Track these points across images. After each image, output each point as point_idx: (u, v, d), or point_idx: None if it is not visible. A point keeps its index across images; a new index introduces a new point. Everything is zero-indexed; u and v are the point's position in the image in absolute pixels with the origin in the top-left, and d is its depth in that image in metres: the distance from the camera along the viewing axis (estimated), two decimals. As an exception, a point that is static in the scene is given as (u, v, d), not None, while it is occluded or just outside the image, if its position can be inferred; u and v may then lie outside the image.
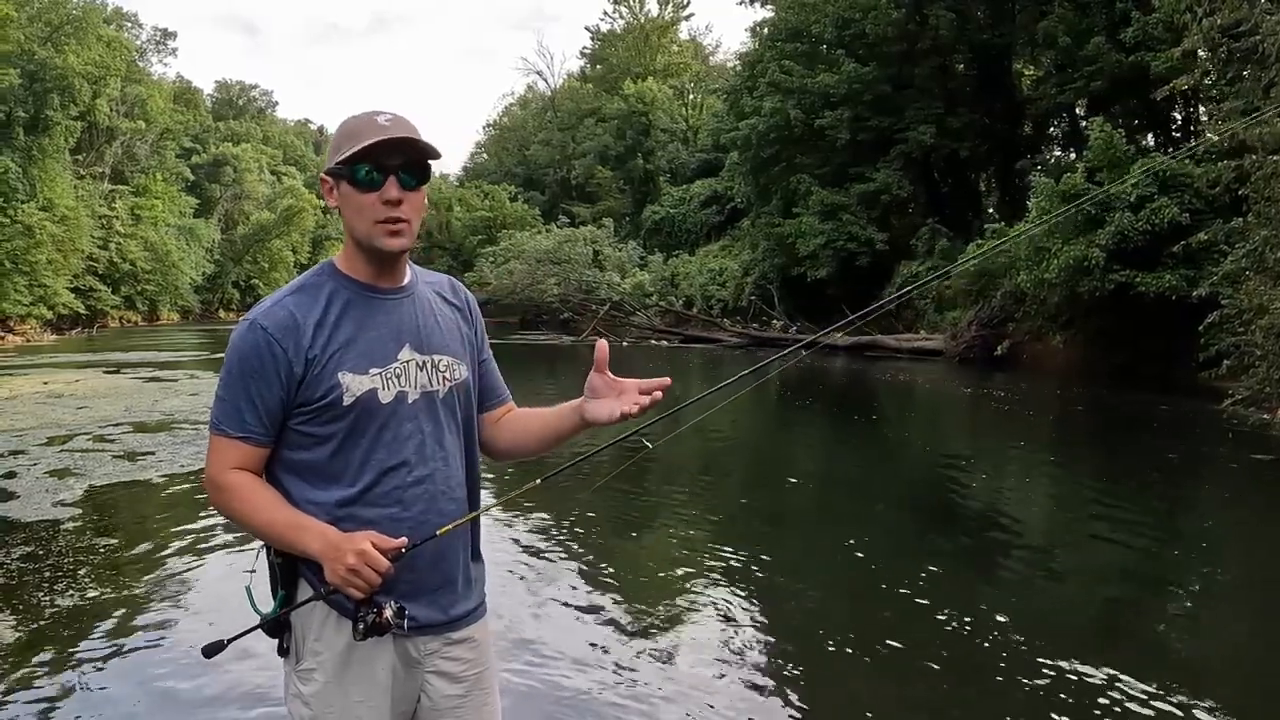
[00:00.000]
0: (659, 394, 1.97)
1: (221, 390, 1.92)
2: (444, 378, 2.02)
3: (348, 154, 1.86)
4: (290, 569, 1.94)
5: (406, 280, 2.04)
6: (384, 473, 1.93)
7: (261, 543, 1.99)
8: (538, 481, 2.08)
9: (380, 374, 1.93)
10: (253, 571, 1.99)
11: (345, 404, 1.89)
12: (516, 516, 7.46)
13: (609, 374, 2.00)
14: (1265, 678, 4.80)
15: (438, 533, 1.92)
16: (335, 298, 1.94)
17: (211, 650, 1.93)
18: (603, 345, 1.97)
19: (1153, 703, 4.36)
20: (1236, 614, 5.88)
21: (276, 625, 1.95)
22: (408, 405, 1.96)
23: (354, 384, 1.90)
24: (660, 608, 5.63)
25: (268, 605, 1.98)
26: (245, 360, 1.88)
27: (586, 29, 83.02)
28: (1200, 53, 14.82)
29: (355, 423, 1.91)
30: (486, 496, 2.20)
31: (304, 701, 1.96)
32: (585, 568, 6.41)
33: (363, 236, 1.92)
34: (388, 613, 1.85)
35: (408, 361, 1.97)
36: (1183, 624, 5.64)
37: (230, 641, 1.93)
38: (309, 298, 1.93)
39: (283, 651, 1.99)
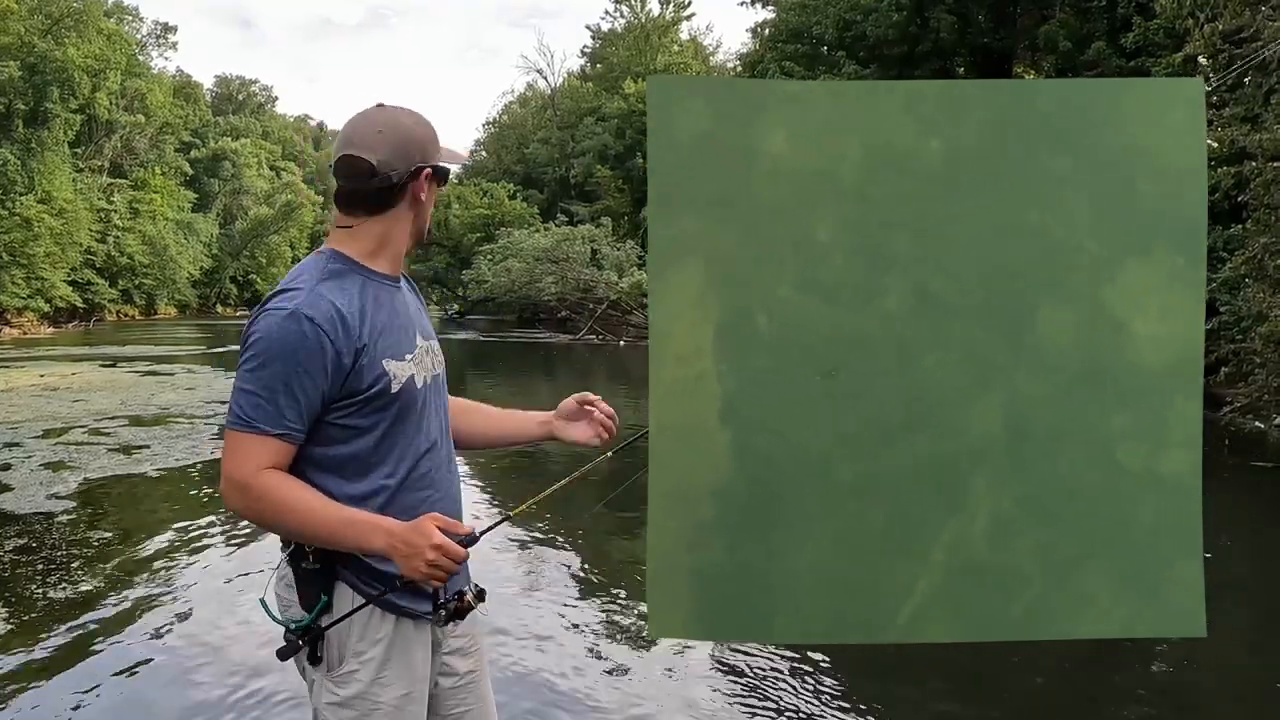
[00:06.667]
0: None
1: (253, 385, 1.81)
2: (438, 361, 2.09)
3: (455, 163, 2.01)
4: (329, 573, 1.89)
5: None
6: (420, 457, 1.98)
7: (287, 550, 1.93)
8: (567, 480, 2.11)
9: (411, 360, 1.97)
10: (260, 574, 1.98)
11: (393, 391, 1.91)
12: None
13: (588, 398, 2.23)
14: (1262, 686, 4.79)
15: (511, 513, 2.04)
16: (365, 287, 1.93)
17: (285, 654, 1.90)
18: (586, 395, 2.22)
19: (1150, 711, 4.36)
20: (1236, 621, 5.87)
21: (308, 633, 1.88)
22: (428, 389, 2.02)
23: (398, 371, 1.92)
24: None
25: (281, 614, 1.95)
26: (291, 353, 1.80)
27: (587, 28, 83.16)
28: (1201, 59, 14.82)
29: (400, 410, 1.93)
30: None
31: (343, 704, 1.90)
32: (578, 565, 6.39)
33: (423, 230, 2.03)
34: (469, 596, 1.94)
35: (421, 348, 2.02)
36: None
37: (299, 637, 1.87)
38: (339, 287, 1.89)
39: (314, 660, 1.90)
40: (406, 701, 1.93)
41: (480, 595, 1.98)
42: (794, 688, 4.44)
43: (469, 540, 1.85)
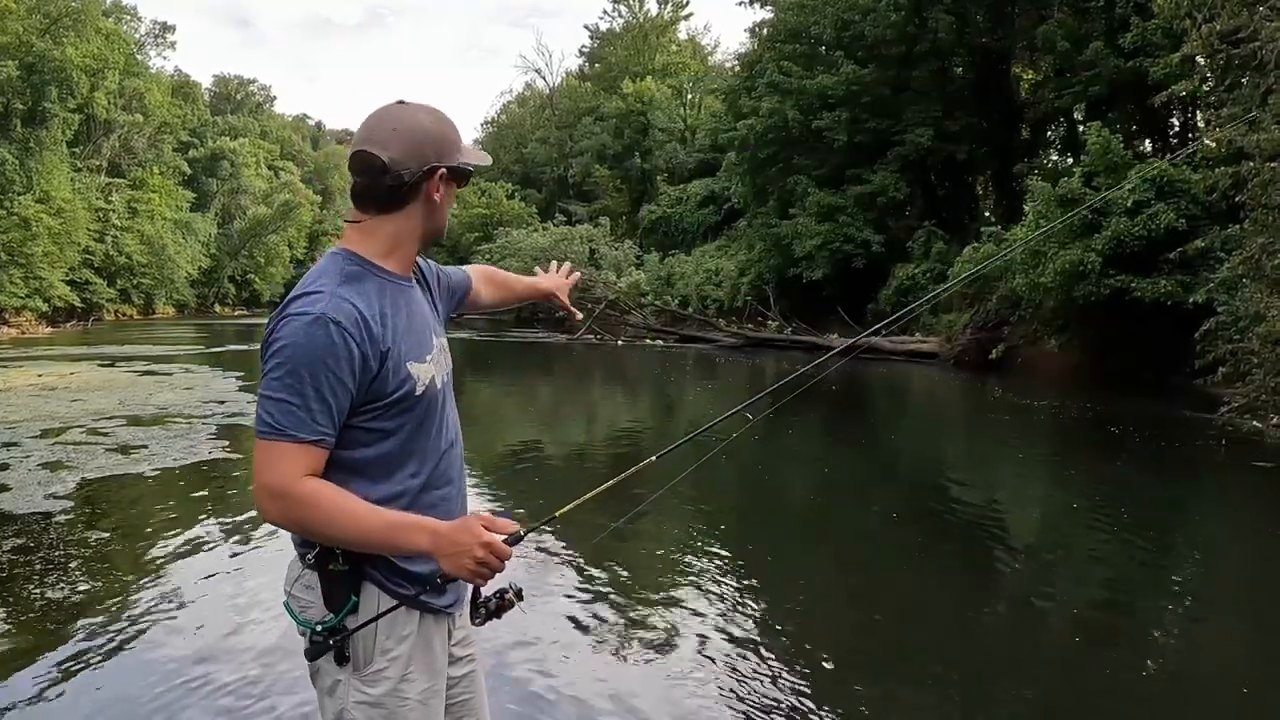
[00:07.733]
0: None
1: (282, 393, 1.80)
2: (448, 358, 2.12)
3: (474, 163, 2.01)
4: (357, 573, 1.90)
5: None
6: (442, 455, 2.02)
7: (309, 552, 1.92)
8: (616, 480, 2.19)
9: (431, 360, 1.99)
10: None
11: (417, 394, 1.93)
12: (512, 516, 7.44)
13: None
14: (1260, 686, 4.79)
15: (556, 514, 2.06)
16: (383, 289, 1.94)
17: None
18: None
19: (1149, 711, 4.36)
20: (1232, 622, 5.88)
21: (334, 634, 1.89)
22: (446, 387, 2.07)
23: (421, 373, 1.95)
24: (652, 610, 5.62)
25: (299, 615, 1.96)
26: (318, 358, 1.80)
27: (585, 27, 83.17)
28: (1199, 59, 14.83)
29: (425, 411, 1.96)
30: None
31: (374, 703, 1.91)
32: (575, 567, 6.39)
33: (441, 229, 2.04)
34: (510, 595, 1.99)
35: (436, 347, 2.05)
36: (1177, 632, 5.64)
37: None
38: (358, 290, 1.89)
39: (341, 660, 1.92)
40: (431, 695, 1.98)
41: (519, 594, 2.01)
42: (788, 688, 4.45)
43: (515, 539, 1.87)
